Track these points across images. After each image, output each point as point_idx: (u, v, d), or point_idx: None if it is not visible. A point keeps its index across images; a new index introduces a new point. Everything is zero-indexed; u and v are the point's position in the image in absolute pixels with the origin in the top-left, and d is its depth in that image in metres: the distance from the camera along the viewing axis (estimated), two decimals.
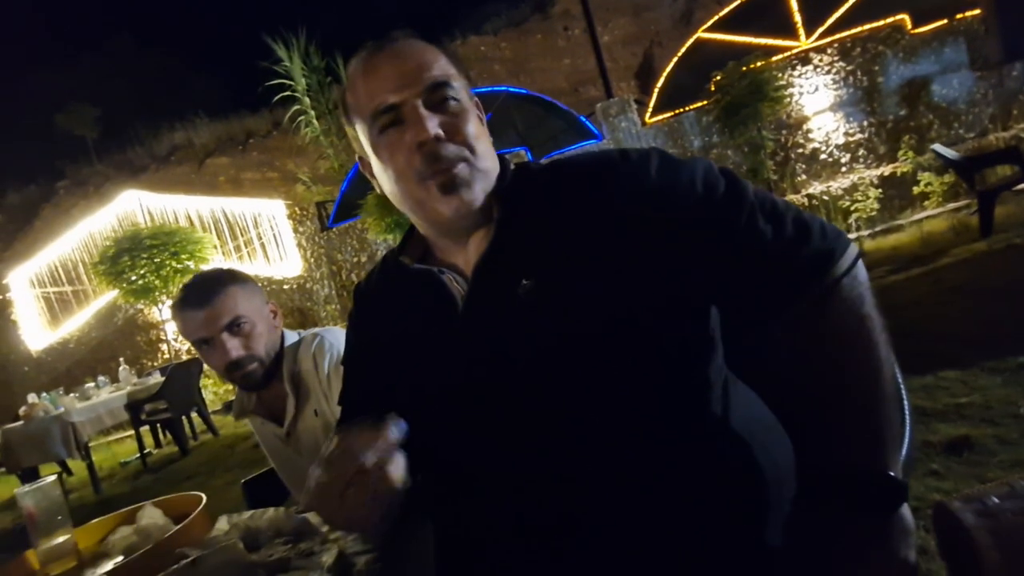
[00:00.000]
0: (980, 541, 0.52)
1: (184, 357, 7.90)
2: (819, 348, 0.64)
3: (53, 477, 0.90)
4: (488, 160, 0.70)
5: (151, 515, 0.84)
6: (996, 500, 0.54)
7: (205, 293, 1.15)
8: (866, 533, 0.62)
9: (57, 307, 9.37)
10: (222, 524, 0.74)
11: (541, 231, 0.68)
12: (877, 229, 5.71)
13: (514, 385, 0.64)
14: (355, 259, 7.50)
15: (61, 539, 0.88)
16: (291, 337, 1.31)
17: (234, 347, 1.15)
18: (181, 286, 1.20)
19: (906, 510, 0.62)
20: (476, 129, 0.69)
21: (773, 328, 0.71)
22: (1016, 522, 0.53)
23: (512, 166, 0.75)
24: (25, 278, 9.41)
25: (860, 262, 0.66)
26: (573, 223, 0.66)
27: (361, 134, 0.72)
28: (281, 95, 7.69)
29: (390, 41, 0.70)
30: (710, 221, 0.64)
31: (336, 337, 1.27)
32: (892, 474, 0.61)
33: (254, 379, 1.20)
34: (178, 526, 0.76)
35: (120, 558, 0.80)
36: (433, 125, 0.66)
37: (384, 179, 0.71)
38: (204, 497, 0.88)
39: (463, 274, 0.71)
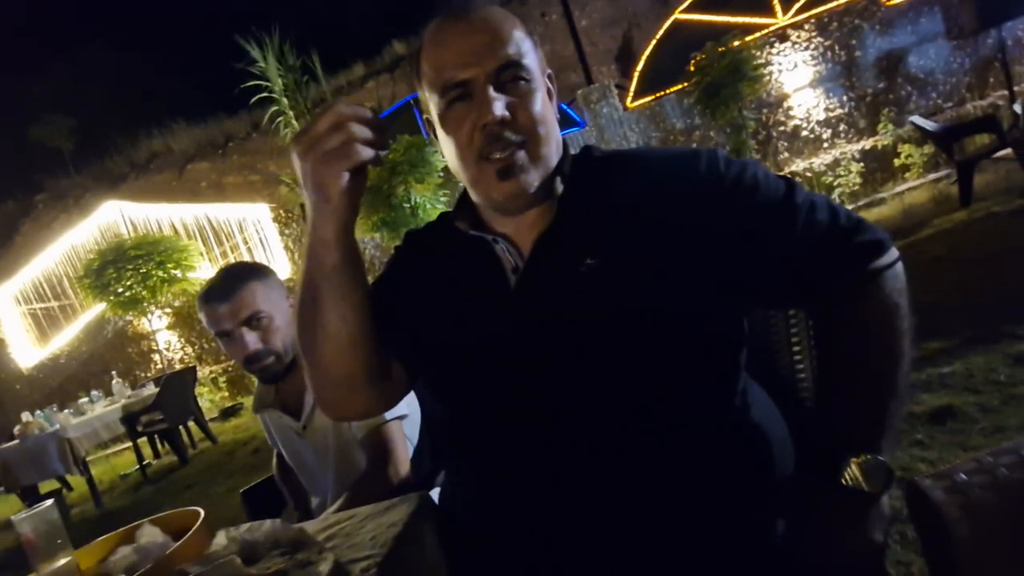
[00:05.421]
0: (949, 516, 0.55)
1: (178, 366, 7.85)
2: (851, 331, 0.67)
3: (50, 501, 0.90)
4: (551, 144, 0.70)
5: (150, 533, 0.84)
6: (964, 476, 0.57)
7: (227, 288, 1.20)
8: (846, 512, 0.64)
9: (45, 323, 9.26)
10: (220, 539, 0.75)
11: (603, 213, 0.69)
12: (860, 204, 5.76)
13: (564, 358, 0.67)
14: None
15: (62, 562, 0.88)
16: None
17: (252, 341, 1.20)
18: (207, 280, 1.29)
19: (887, 497, 0.65)
20: (542, 111, 0.69)
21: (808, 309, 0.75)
22: (983, 496, 0.55)
23: (573, 149, 0.76)
24: (10, 295, 9.28)
25: (900, 263, 0.69)
26: (636, 210, 0.69)
27: (430, 101, 0.72)
28: (258, 96, 7.58)
29: (466, 10, 0.69)
30: (771, 216, 0.67)
31: None
32: (883, 459, 0.64)
33: (271, 372, 1.25)
34: (177, 543, 0.77)
35: None
36: (499, 106, 0.65)
37: (446, 150, 0.73)
38: (202, 512, 0.89)
39: (515, 245, 0.73)
